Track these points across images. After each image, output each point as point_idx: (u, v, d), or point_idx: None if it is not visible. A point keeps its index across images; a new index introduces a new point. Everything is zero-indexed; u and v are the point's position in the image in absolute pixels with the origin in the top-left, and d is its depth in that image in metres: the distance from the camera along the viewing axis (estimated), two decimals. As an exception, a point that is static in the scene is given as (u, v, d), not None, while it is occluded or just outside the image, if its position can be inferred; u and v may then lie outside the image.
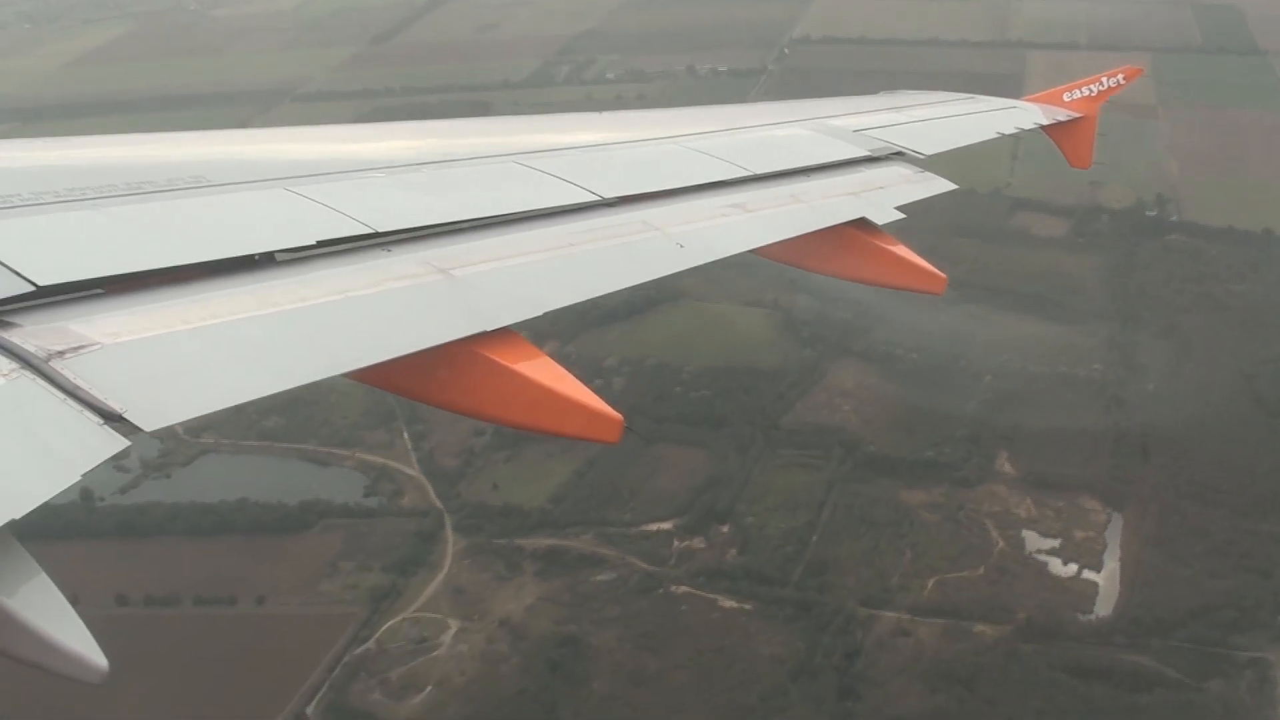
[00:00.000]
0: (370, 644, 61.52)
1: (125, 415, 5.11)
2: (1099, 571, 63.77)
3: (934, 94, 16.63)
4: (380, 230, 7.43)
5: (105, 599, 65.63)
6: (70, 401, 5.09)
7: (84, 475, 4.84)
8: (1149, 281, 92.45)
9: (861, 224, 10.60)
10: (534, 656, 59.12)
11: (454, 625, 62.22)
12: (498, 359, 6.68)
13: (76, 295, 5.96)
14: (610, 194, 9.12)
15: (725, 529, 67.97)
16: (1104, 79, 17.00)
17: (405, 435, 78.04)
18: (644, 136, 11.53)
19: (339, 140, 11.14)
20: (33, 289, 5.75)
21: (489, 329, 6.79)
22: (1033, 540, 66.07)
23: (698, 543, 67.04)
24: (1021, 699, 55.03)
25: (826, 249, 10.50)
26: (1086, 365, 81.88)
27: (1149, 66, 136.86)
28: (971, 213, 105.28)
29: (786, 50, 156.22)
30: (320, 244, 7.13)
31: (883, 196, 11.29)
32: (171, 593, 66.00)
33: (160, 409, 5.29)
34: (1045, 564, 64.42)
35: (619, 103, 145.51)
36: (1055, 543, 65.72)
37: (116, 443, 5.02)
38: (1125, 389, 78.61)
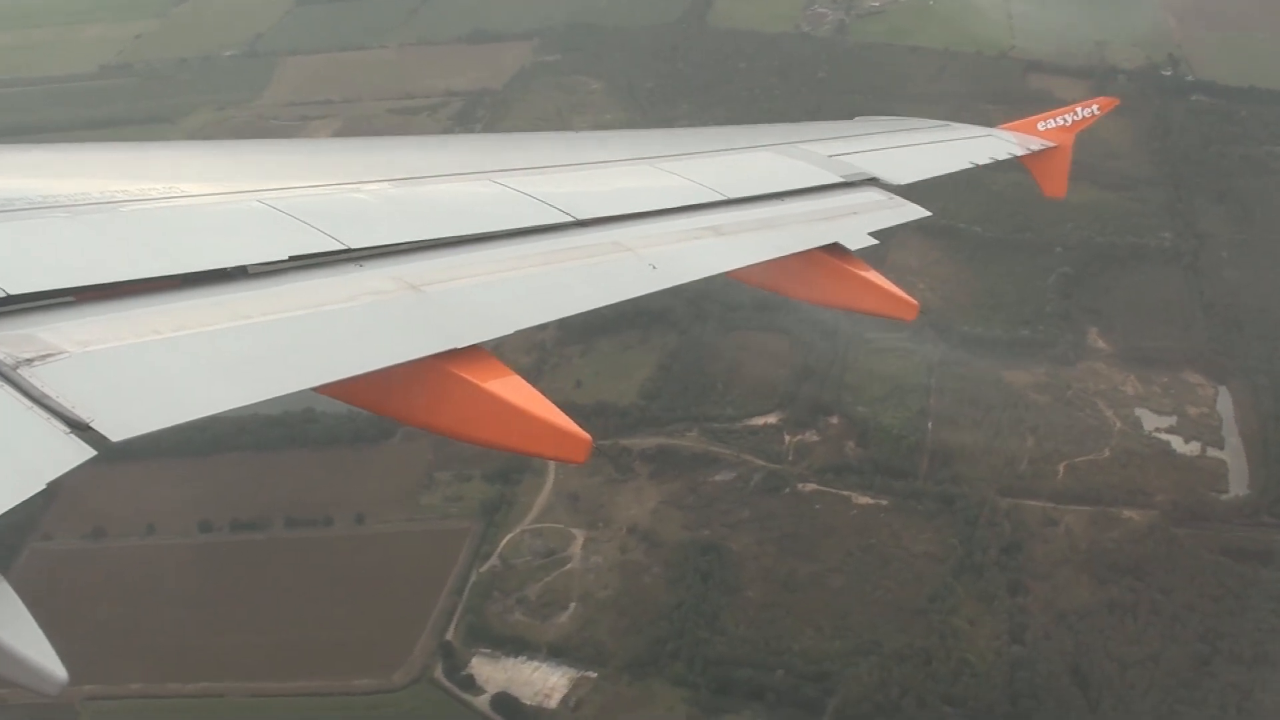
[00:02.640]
0: (495, 560, 58.11)
1: (92, 424, 5.09)
2: (1222, 449, 63.01)
3: (909, 120, 16.64)
4: (353, 247, 7.36)
5: (186, 526, 61.60)
6: (37, 409, 5.09)
7: (49, 484, 4.74)
8: (1188, 146, 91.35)
9: (834, 249, 10.47)
10: (678, 566, 56.37)
11: (579, 535, 59.09)
12: (467, 377, 6.61)
13: (47, 303, 5.92)
14: (583, 214, 9.04)
15: (834, 421, 65.45)
16: (1078, 109, 16.99)
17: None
18: (618, 158, 11.44)
19: (314, 154, 11.01)
20: (2, 296, 5.76)
21: (459, 346, 6.75)
22: (1149, 419, 64.95)
23: (810, 436, 64.54)
24: (1194, 587, 54.07)
25: (799, 273, 10.43)
26: (1154, 234, 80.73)
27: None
28: (987, 77, 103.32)
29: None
30: (292, 259, 7.05)
31: (856, 222, 11.12)
32: (259, 516, 61.69)
33: (128, 419, 5.24)
34: (1167, 443, 63.41)
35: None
36: (1171, 420, 64.75)
37: (83, 452, 4.98)
38: (1200, 258, 77.58)
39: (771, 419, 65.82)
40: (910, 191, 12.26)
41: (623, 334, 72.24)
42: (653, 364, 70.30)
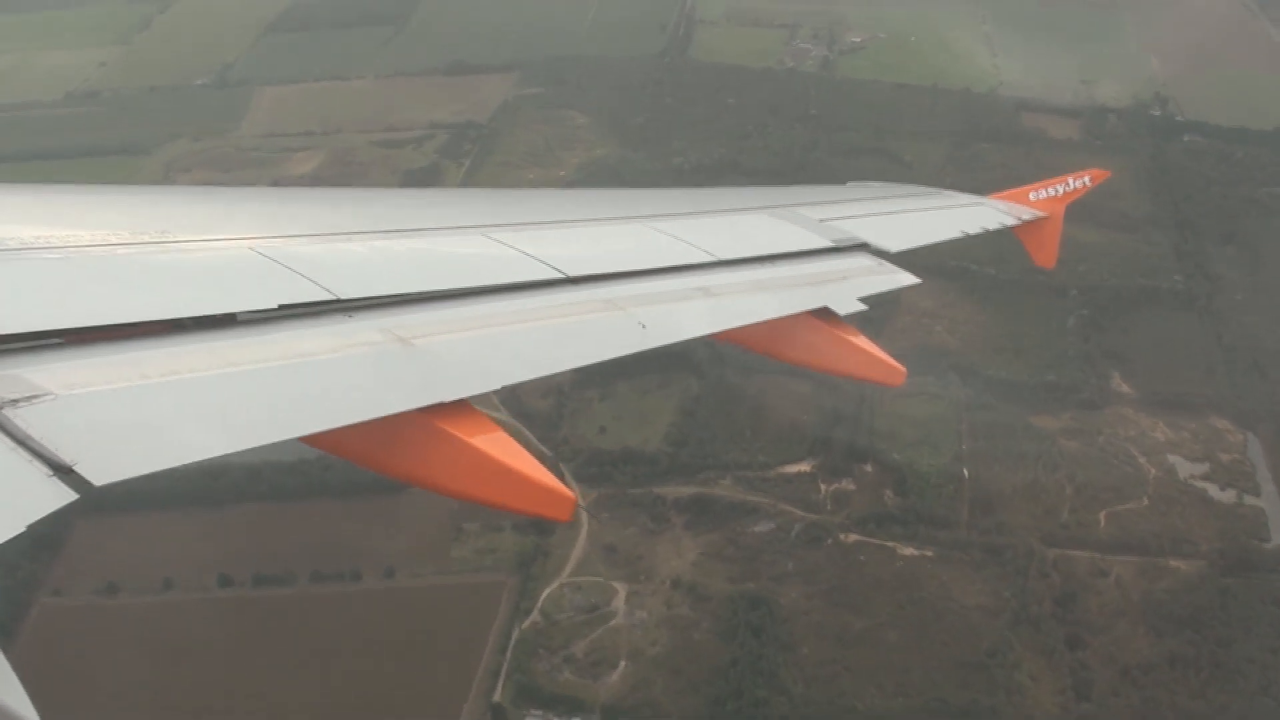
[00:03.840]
0: (535, 615, 56.14)
1: (75, 468, 5.02)
2: (1259, 496, 62.83)
3: (902, 187, 16.87)
4: (343, 297, 7.34)
5: (205, 580, 58.87)
6: (20, 451, 5.03)
7: (29, 526, 4.68)
8: (1189, 187, 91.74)
9: (823, 313, 10.52)
10: (727, 620, 54.89)
11: (621, 589, 57.30)
12: (453, 431, 6.55)
13: (35, 344, 5.87)
14: (575, 271, 9.06)
15: (869, 468, 64.37)
16: (1070, 180, 17.05)
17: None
18: (610, 216, 11.56)
19: (306, 203, 10.87)
20: None
21: (446, 400, 6.68)
22: (1182, 466, 64.66)
23: (847, 485, 63.36)
24: (1252, 639, 53.65)
25: (788, 336, 10.49)
26: (1165, 276, 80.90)
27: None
28: (980, 116, 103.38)
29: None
30: (282, 308, 7.03)
31: (846, 287, 11.24)
32: (282, 569, 59.03)
33: (112, 463, 5.17)
34: (1204, 490, 63.14)
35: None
36: (1204, 467, 64.57)
37: (65, 495, 4.91)
38: (1215, 301, 77.72)
39: (804, 466, 64.57)
40: (903, 257, 12.24)
41: (641, 377, 70.64)
42: (674, 409, 68.86)
